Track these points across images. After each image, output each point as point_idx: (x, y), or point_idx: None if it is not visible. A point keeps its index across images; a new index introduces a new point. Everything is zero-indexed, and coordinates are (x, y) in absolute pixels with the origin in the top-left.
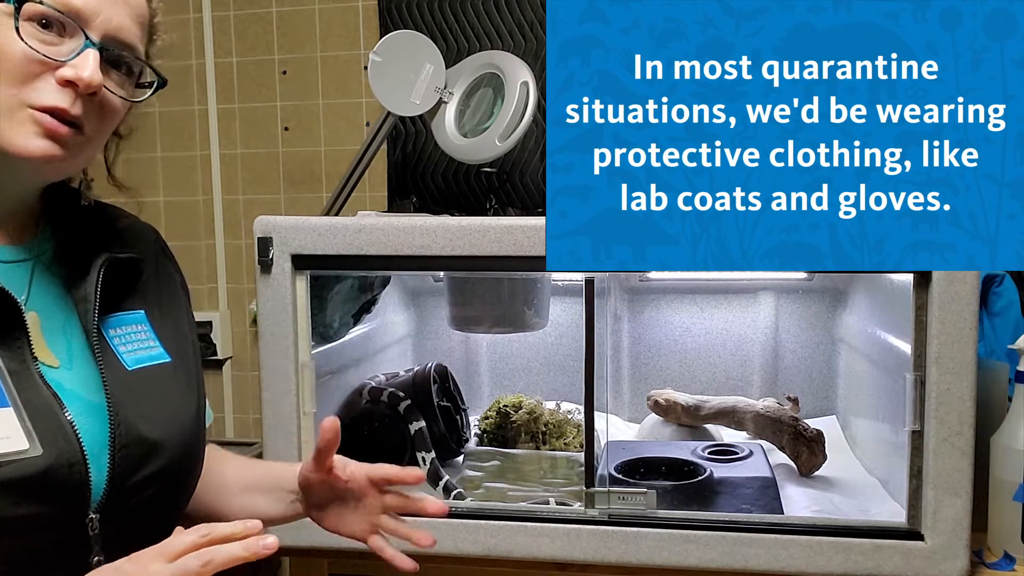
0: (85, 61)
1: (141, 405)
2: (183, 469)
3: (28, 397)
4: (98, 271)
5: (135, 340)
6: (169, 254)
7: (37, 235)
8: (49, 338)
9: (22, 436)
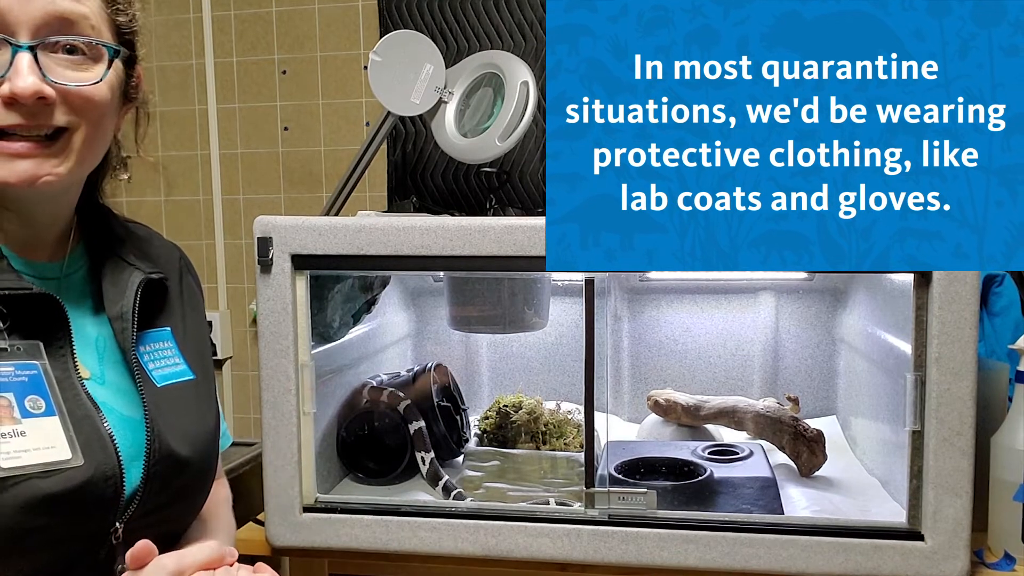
0: (17, 70)
1: (171, 421)
2: (202, 485)
3: (71, 407)
4: (136, 291)
5: (162, 357)
6: (193, 272)
7: (70, 253)
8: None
9: (66, 446)
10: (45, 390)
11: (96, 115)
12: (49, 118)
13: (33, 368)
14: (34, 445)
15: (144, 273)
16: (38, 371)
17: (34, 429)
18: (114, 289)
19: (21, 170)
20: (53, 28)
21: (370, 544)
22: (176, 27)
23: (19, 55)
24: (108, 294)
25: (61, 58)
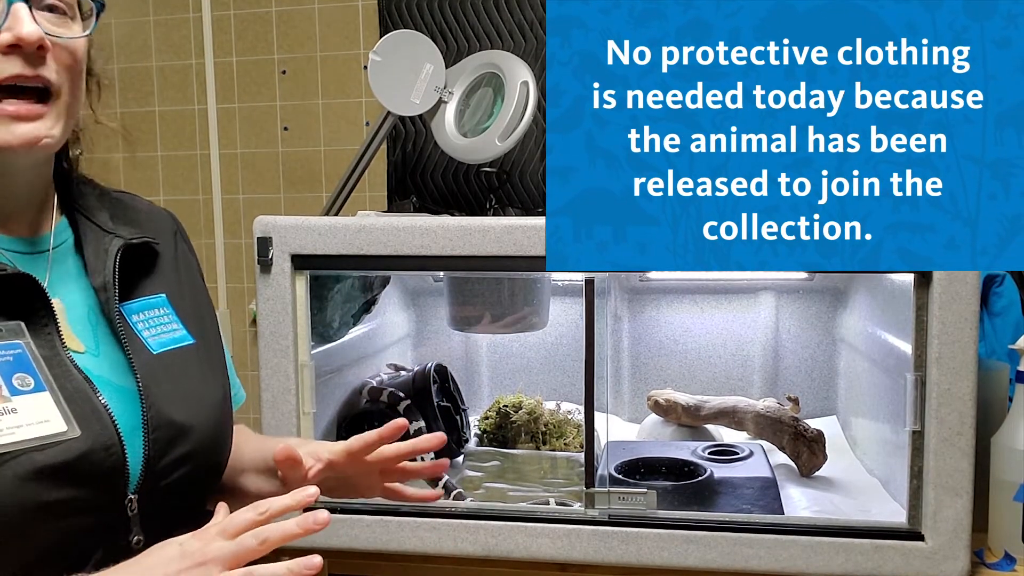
0: (17, 18)
1: (169, 388)
2: (212, 449)
3: (62, 383)
4: (114, 258)
5: (159, 324)
6: (186, 238)
7: (55, 226)
8: (74, 326)
9: (60, 419)
10: (32, 367)
11: (77, 72)
12: (46, 70)
13: (17, 347)
14: (27, 420)
15: (124, 239)
16: (22, 350)
17: (25, 406)
18: (96, 259)
19: (22, 132)
20: None
21: (370, 544)
22: (176, 27)
23: (15, 5)
24: (91, 264)
25: (45, 14)
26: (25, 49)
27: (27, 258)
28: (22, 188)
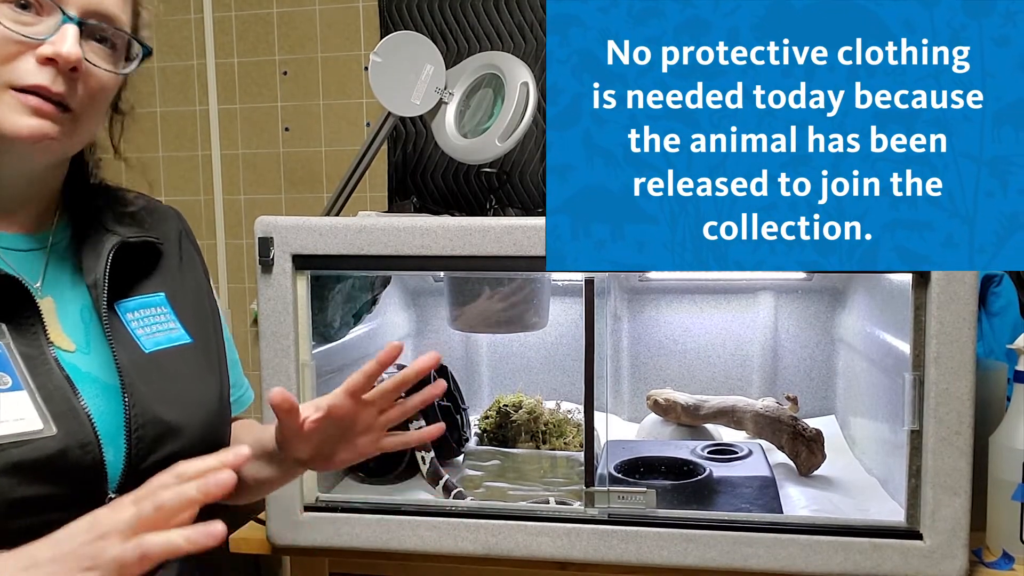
0: (63, 37)
1: (159, 386)
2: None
3: (42, 382)
4: (107, 256)
5: (154, 323)
6: (192, 238)
7: (54, 224)
8: (65, 323)
9: (36, 418)
10: (10, 367)
11: (101, 101)
12: (69, 92)
13: None
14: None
15: (121, 238)
16: (2, 349)
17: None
18: (90, 257)
19: (32, 124)
20: (98, 17)
21: (371, 543)
22: (177, 28)
23: (67, 25)
24: (86, 262)
25: (94, 44)
26: (60, 66)
27: (24, 255)
28: (19, 187)
